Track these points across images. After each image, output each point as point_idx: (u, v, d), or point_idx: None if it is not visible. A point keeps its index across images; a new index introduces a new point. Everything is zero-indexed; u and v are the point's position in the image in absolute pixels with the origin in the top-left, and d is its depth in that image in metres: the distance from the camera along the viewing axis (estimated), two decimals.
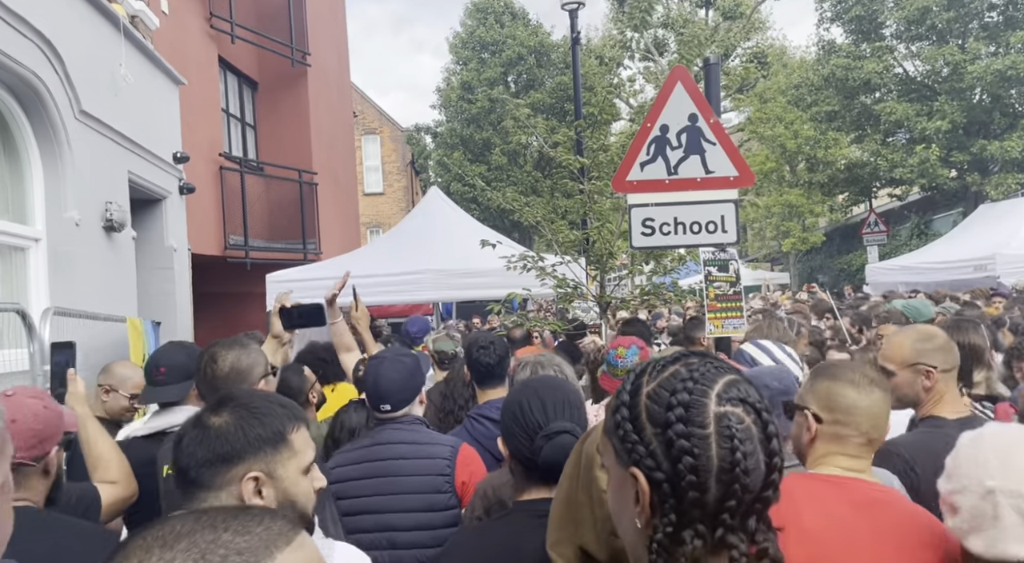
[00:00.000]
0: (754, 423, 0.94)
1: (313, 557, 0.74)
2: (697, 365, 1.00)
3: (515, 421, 1.74)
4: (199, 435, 1.40)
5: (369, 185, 27.43)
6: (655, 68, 26.55)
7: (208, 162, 8.87)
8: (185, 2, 8.45)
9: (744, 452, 0.92)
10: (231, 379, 2.10)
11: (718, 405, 0.94)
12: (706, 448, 0.93)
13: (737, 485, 0.91)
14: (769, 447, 0.94)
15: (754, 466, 0.92)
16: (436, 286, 7.74)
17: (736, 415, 0.94)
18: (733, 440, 0.92)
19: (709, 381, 0.97)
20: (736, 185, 4.15)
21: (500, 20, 27.09)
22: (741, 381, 0.98)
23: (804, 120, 20.49)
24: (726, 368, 1.00)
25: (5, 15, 4.00)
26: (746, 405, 0.95)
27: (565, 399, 1.78)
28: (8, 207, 4.40)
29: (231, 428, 1.39)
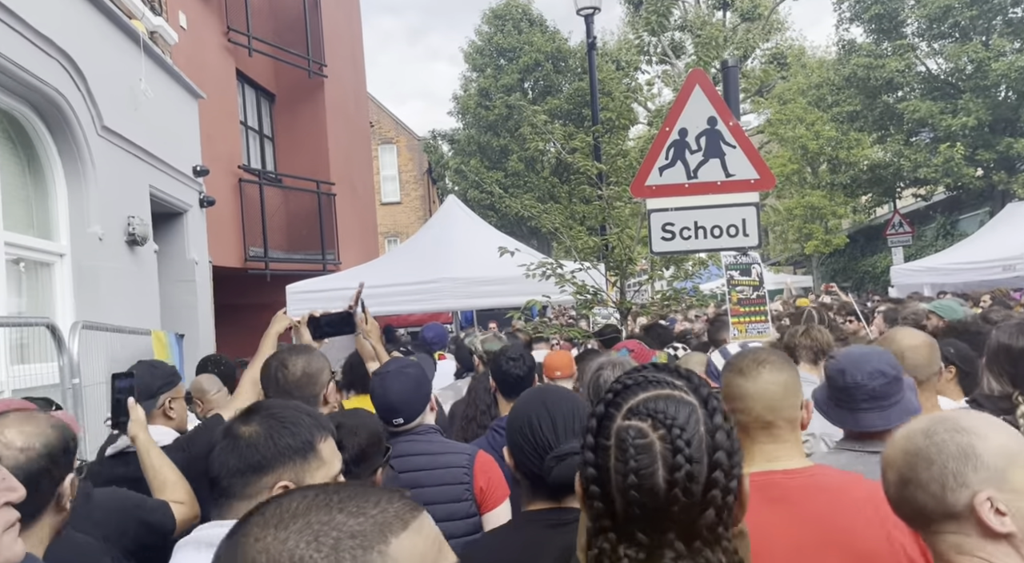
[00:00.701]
0: (660, 439, 0.96)
1: (433, 540, 0.71)
2: (631, 379, 1.04)
3: (524, 438, 1.71)
4: (230, 445, 1.42)
5: (386, 194, 27.59)
6: (672, 71, 26.46)
7: (227, 175, 8.95)
8: (203, 17, 8.55)
9: (636, 466, 0.95)
10: (302, 383, 2.16)
11: (624, 419, 0.99)
12: (605, 460, 0.98)
13: (635, 495, 0.95)
14: (677, 463, 0.95)
15: (649, 480, 0.94)
16: (455, 294, 7.73)
17: (637, 429, 0.98)
18: (627, 453, 0.96)
19: (628, 396, 1.01)
20: (757, 188, 4.10)
21: (518, 26, 27.16)
22: (664, 398, 1.00)
23: (825, 121, 20.27)
24: (665, 383, 1.02)
25: (30, 35, 4.06)
26: (655, 420, 0.97)
27: (574, 412, 1.74)
28: (33, 223, 4.46)
29: (261, 438, 1.40)
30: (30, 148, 4.54)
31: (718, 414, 1.00)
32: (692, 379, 1.05)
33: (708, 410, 1.00)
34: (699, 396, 1.02)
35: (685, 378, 1.04)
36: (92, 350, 3.79)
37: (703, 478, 0.96)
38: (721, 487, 0.96)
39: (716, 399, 1.02)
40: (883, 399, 1.95)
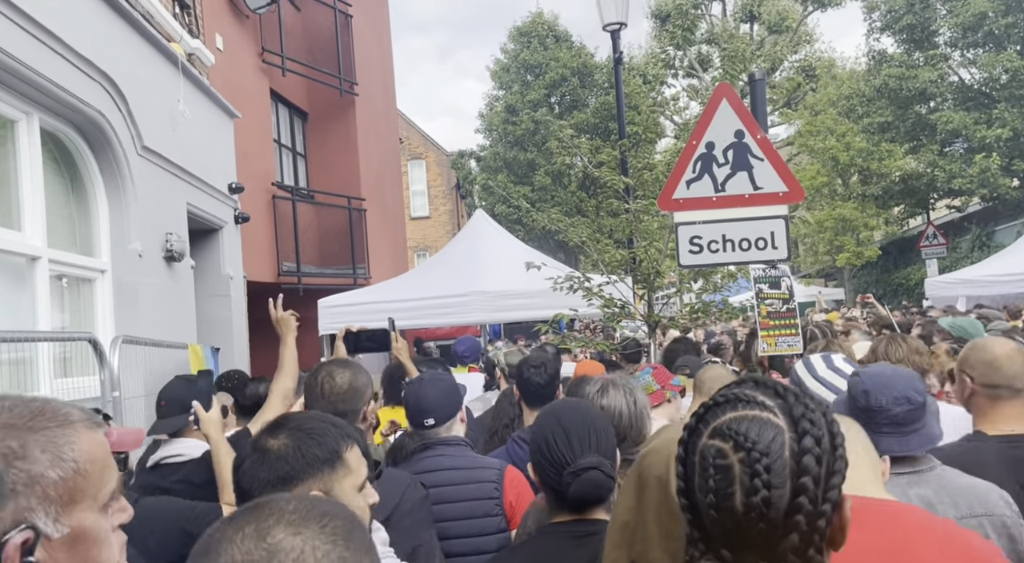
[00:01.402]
0: (740, 461, 0.96)
1: None
2: (722, 396, 1.05)
3: (542, 455, 1.75)
4: (259, 458, 1.45)
5: (415, 209, 27.85)
6: (699, 84, 26.41)
7: (261, 191, 9.14)
8: (239, 38, 8.78)
9: (715, 486, 0.97)
10: (348, 396, 2.21)
11: (708, 438, 1.00)
12: (692, 477, 1.01)
13: (713, 514, 0.97)
14: (754, 486, 0.96)
15: (727, 501, 0.96)
16: (483, 308, 7.78)
17: (718, 449, 0.99)
18: (707, 472, 0.98)
19: (716, 414, 1.02)
20: (786, 201, 4.09)
21: (543, 43, 27.35)
22: (749, 419, 1.00)
23: (856, 132, 20.04)
24: (755, 402, 1.02)
25: (74, 59, 4.22)
26: (736, 442, 0.98)
27: (591, 427, 1.77)
28: (76, 240, 4.61)
29: (289, 450, 1.44)
30: (73, 168, 4.70)
31: (808, 437, 0.97)
32: (787, 398, 1.02)
33: (797, 433, 0.98)
34: (790, 417, 0.99)
35: (780, 397, 1.02)
36: (131, 364, 3.90)
37: (784, 504, 0.95)
38: (806, 513, 0.95)
39: (810, 421, 0.99)
40: (905, 425, 1.91)
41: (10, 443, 0.85)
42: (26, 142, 4.04)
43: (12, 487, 0.83)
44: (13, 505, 0.83)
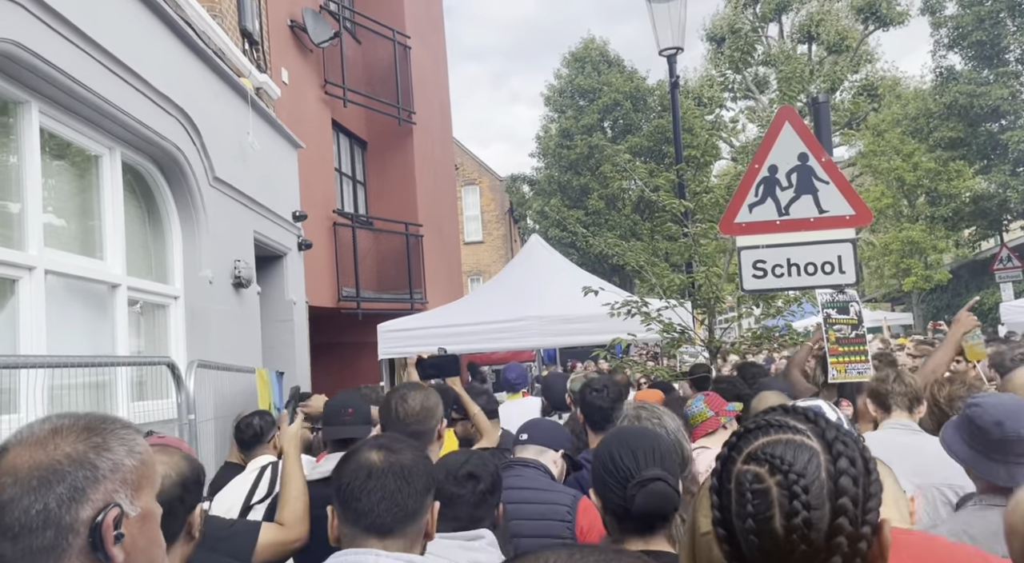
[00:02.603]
0: (777, 484, 0.96)
1: None
2: (754, 423, 1.05)
3: (606, 470, 1.74)
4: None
5: (469, 234, 28.13)
6: (757, 106, 26.09)
7: (323, 219, 9.38)
8: (303, 72, 9.10)
9: (753, 511, 0.97)
10: (420, 417, 2.32)
11: (743, 463, 1.01)
12: (728, 502, 1.00)
13: (754, 539, 0.96)
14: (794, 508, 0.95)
15: (766, 525, 0.96)
16: (540, 332, 7.77)
17: (754, 474, 0.99)
18: (744, 497, 0.98)
19: (749, 440, 1.03)
20: (853, 224, 4.00)
21: (596, 68, 27.52)
22: (783, 442, 1.00)
23: (923, 151, 19.47)
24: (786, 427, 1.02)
25: (153, 96, 4.45)
26: (771, 465, 0.98)
27: (654, 446, 1.77)
28: (152, 268, 4.81)
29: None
30: (150, 199, 4.92)
31: (843, 459, 0.98)
32: (819, 422, 1.03)
33: (832, 455, 0.99)
34: (823, 440, 1.01)
35: (812, 422, 1.03)
36: (204, 387, 4.02)
37: (824, 525, 0.95)
38: (847, 534, 0.95)
39: (843, 443, 1.00)
40: None
41: (95, 438, 1.03)
42: (108, 175, 4.26)
43: (102, 472, 1.01)
44: (103, 488, 1.00)
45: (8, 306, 3.36)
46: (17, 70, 3.34)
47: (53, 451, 1.00)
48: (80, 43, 3.67)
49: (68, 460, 0.99)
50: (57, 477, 0.98)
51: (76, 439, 1.02)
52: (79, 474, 0.99)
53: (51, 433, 1.02)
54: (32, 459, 0.99)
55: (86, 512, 0.98)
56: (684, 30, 7.55)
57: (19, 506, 0.96)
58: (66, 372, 3.27)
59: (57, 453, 0.99)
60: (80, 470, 0.99)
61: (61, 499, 0.97)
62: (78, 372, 3.43)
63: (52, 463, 0.99)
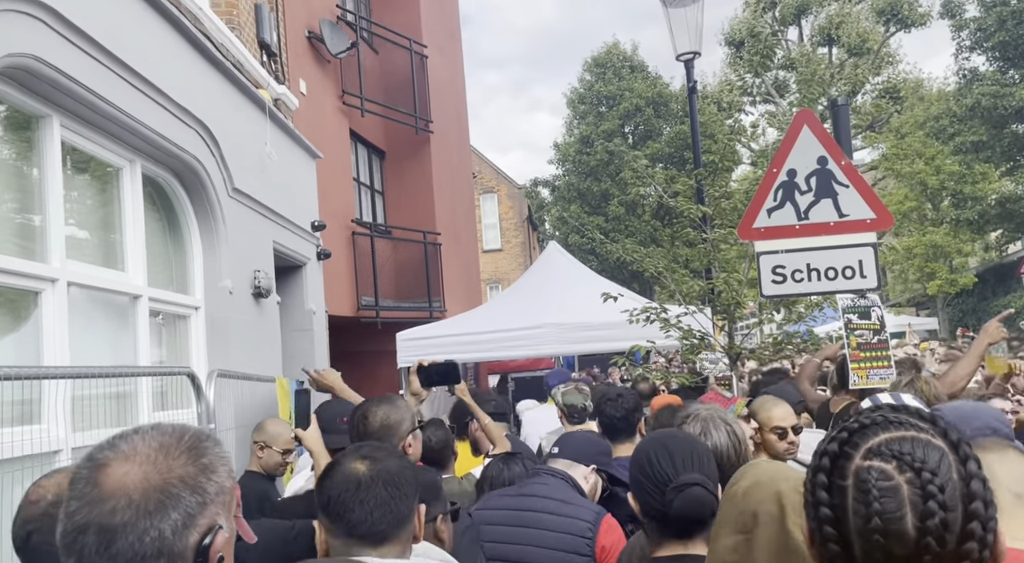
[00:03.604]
0: (908, 482, 0.90)
1: None
2: (868, 419, 0.98)
3: (643, 474, 1.73)
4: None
5: (487, 242, 28.18)
6: (777, 110, 25.90)
7: (341, 228, 9.44)
8: (320, 82, 9.18)
9: (880, 509, 0.89)
10: (381, 434, 2.25)
11: (863, 459, 0.93)
12: (843, 500, 0.93)
13: (879, 540, 0.89)
14: (929, 509, 0.88)
15: (896, 525, 0.89)
16: (558, 340, 7.75)
17: (880, 470, 0.91)
18: (869, 495, 0.91)
19: (867, 435, 0.95)
20: (874, 228, 3.94)
21: (618, 73, 27.49)
22: (910, 439, 0.93)
23: (947, 154, 19.20)
24: (909, 424, 0.96)
25: (173, 109, 4.50)
26: (900, 461, 0.91)
27: (692, 451, 1.76)
28: (173, 279, 4.86)
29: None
30: (170, 210, 4.98)
31: (972, 461, 0.92)
32: (938, 422, 0.97)
33: (960, 456, 0.93)
34: (948, 440, 0.94)
35: (931, 421, 0.97)
36: (224, 397, 4.05)
37: (958, 528, 0.89)
38: (978, 539, 0.89)
39: (968, 445, 0.94)
40: None
41: (203, 460, 1.00)
42: (129, 188, 4.31)
43: (210, 497, 0.98)
44: (209, 512, 0.98)
45: (32, 318, 3.40)
46: (38, 84, 3.39)
47: (167, 473, 0.95)
48: (100, 57, 3.73)
49: (182, 484, 0.95)
50: (173, 502, 0.94)
51: (187, 461, 0.98)
52: (192, 500, 0.96)
53: (159, 451, 0.97)
54: (146, 480, 0.94)
55: (194, 537, 0.95)
56: (702, 35, 7.51)
57: (134, 531, 0.91)
58: (89, 383, 3.31)
59: (171, 476, 0.95)
60: (194, 496, 0.96)
61: (176, 526, 0.93)
62: (101, 383, 3.47)
63: (167, 486, 0.94)
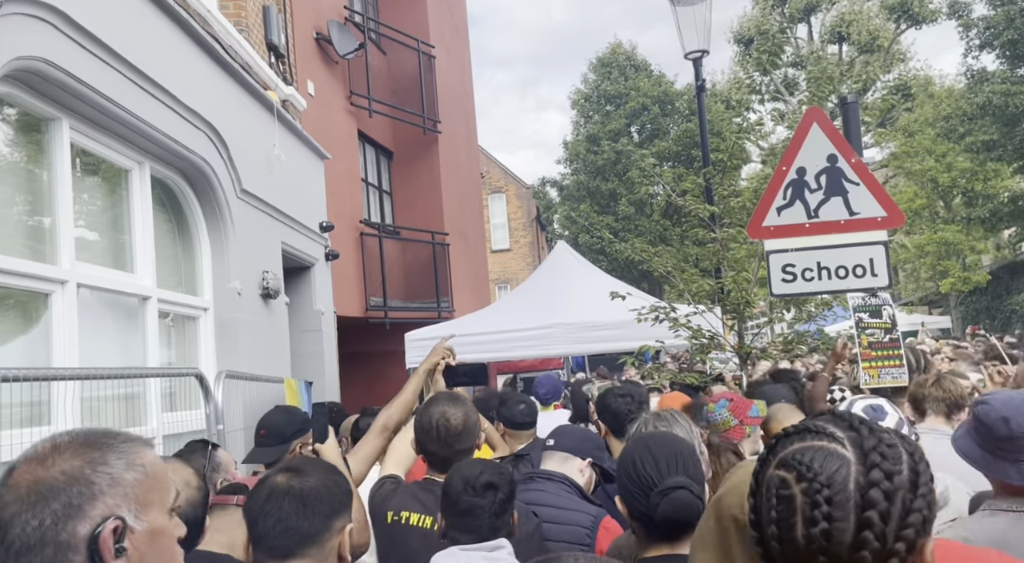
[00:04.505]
0: (802, 492, 0.95)
1: None
2: (795, 428, 1.04)
3: (629, 478, 1.74)
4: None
5: (496, 242, 28.18)
6: (786, 108, 25.78)
7: (350, 229, 9.46)
8: (328, 83, 9.20)
9: (776, 517, 0.96)
10: (463, 436, 2.27)
11: (775, 468, 1.00)
12: (760, 508, 1.00)
13: (775, 545, 0.96)
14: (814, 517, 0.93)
15: (788, 532, 0.95)
16: (567, 340, 7.73)
17: (781, 479, 0.98)
18: (769, 502, 0.98)
19: (785, 445, 1.01)
20: (885, 226, 3.91)
21: (623, 73, 27.45)
22: (813, 449, 0.98)
23: (957, 152, 19.05)
24: (824, 433, 1.00)
25: (182, 110, 4.52)
26: (798, 472, 0.96)
27: (677, 453, 1.76)
28: (181, 280, 4.88)
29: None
30: (179, 212, 5.00)
31: (877, 470, 0.94)
32: (860, 430, 0.99)
33: (865, 466, 0.95)
34: (859, 449, 0.97)
35: (854, 429, 1.00)
36: (233, 398, 4.06)
37: (847, 538, 0.92)
38: (872, 549, 0.91)
39: (881, 454, 0.95)
40: None
41: (92, 454, 1.03)
42: (138, 189, 4.33)
43: (100, 488, 1.00)
44: (102, 503, 1.00)
45: (42, 319, 3.42)
46: (48, 87, 3.41)
47: (51, 468, 1.00)
48: (109, 60, 3.74)
49: (64, 476, 1.00)
50: (52, 493, 0.98)
51: (73, 455, 1.02)
52: (73, 490, 0.99)
53: (51, 450, 1.03)
54: (32, 476, 1.00)
55: (84, 528, 0.98)
56: (710, 33, 7.47)
57: (18, 523, 0.97)
58: (98, 384, 3.32)
59: (53, 469, 1.00)
60: (75, 486, 0.99)
61: (56, 515, 0.97)
62: (110, 384, 3.49)
63: (49, 479, 0.99)
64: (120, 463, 1.04)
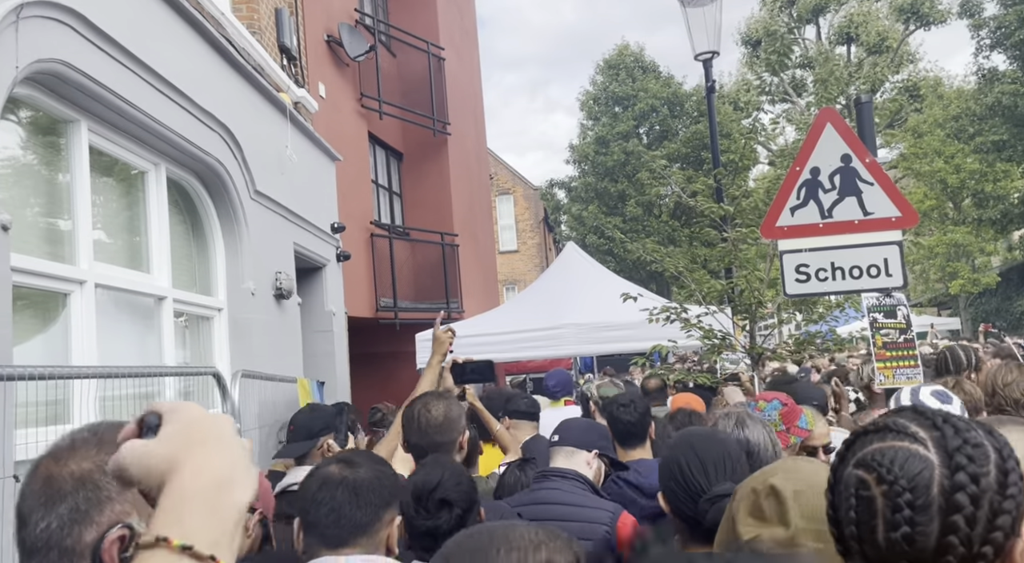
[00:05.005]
0: (883, 494, 0.93)
1: None
2: (873, 425, 1.01)
3: (676, 482, 1.73)
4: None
5: (504, 243, 28.19)
6: (794, 109, 25.71)
7: (360, 230, 9.49)
8: (339, 85, 9.23)
9: (856, 518, 0.95)
10: (443, 428, 2.29)
11: (854, 467, 0.98)
12: (839, 506, 0.98)
13: (855, 546, 0.95)
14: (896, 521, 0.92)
15: (869, 535, 0.94)
16: (577, 340, 7.73)
17: (859, 479, 0.96)
18: (848, 503, 0.97)
19: (864, 443, 0.99)
20: (899, 226, 3.90)
21: (631, 74, 27.44)
22: (895, 449, 0.95)
23: (966, 153, 18.97)
24: (905, 432, 0.97)
25: (197, 112, 4.55)
26: (878, 474, 0.94)
27: (725, 454, 1.75)
28: (196, 281, 4.91)
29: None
30: (194, 213, 5.03)
31: (962, 473, 0.91)
32: (945, 430, 0.96)
33: (950, 468, 0.92)
34: (944, 451, 0.93)
35: (938, 429, 0.96)
36: (248, 397, 4.09)
37: (931, 543, 0.90)
38: (957, 554, 0.89)
39: (967, 456, 0.92)
40: None
41: (105, 456, 0.94)
42: (154, 191, 4.36)
43: (108, 493, 0.94)
44: (110, 510, 0.94)
45: (60, 319, 3.45)
46: (66, 89, 3.44)
47: (62, 467, 0.96)
48: (126, 62, 3.77)
49: (72, 479, 0.95)
50: (60, 496, 0.93)
51: (85, 456, 0.97)
52: (80, 495, 0.94)
53: (68, 447, 0.98)
54: (47, 472, 0.96)
55: (90, 535, 0.93)
56: (720, 34, 7.47)
57: (31, 521, 0.93)
58: (116, 383, 3.35)
59: (64, 470, 0.95)
60: (82, 490, 0.94)
61: (62, 520, 0.92)
62: (127, 383, 3.51)
63: (59, 480, 0.95)
64: None
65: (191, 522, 0.66)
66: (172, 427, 0.75)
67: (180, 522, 0.66)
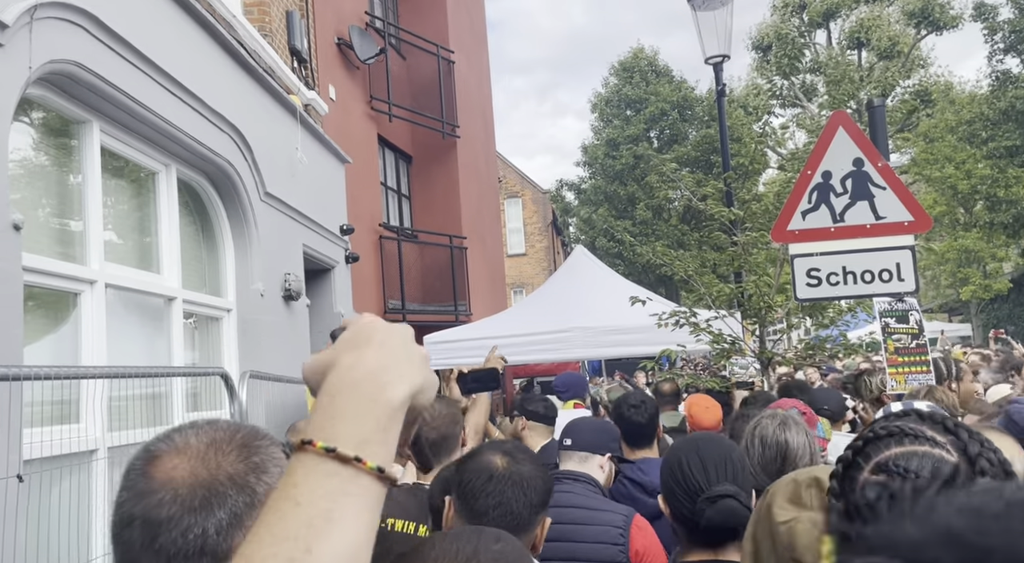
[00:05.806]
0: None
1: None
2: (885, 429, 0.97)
3: (675, 481, 1.71)
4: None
5: (512, 246, 28.18)
6: (805, 114, 25.64)
7: (369, 232, 9.50)
8: (349, 88, 9.26)
9: None
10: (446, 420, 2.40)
11: (871, 472, 0.94)
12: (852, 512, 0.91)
13: None
14: None
15: None
16: (586, 344, 7.71)
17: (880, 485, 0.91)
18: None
19: (880, 447, 0.95)
20: (912, 230, 3.87)
21: (645, 77, 27.44)
22: (920, 454, 0.91)
23: (978, 158, 18.84)
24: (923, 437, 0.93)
25: (208, 114, 4.57)
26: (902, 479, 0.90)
27: (726, 457, 1.73)
28: (205, 282, 4.92)
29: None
30: (204, 214, 5.05)
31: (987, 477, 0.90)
32: (960, 434, 0.94)
33: (975, 472, 0.90)
34: (965, 456, 0.91)
35: (952, 433, 0.94)
36: (256, 398, 4.09)
37: None
38: None
39: (988, 461, 0.90)
40: None
41: (254, 459, 0.93)
42: (165, 191, 4.38)
43: (259, 498, 0.90)
44: (255, 514, 0.86)
45: (71, 319, 3.46)
46: (79, 90, 3.46)
47: (215, 469, 0.90)
48: (139, 63, 3.79)
49: (231, 482, 0.90)
50: (219, 500, 0.88)
51: (237, 458, 0.92)
52: (240, 499, 0.89)
53: (210, 446, 0.92)
54: (193, 475, 0.89)
55: (239, 539, 0.88)
56: (731, 38, 7.46)
57: (178, 527, 0.86)
58: (125, 383, 3.36)
59: (220, 473, 0.90)
60: (241, 495, 0.90)
61: (220, 525, 0.87)
62: (136, 383, 3.52)
63: (215, 483, 0.89)
64: (276, 471, 0.94)
65: (338, 421, 0.67)
66: (345, 334, 0.76)
67: (330, 422, 0.66)
